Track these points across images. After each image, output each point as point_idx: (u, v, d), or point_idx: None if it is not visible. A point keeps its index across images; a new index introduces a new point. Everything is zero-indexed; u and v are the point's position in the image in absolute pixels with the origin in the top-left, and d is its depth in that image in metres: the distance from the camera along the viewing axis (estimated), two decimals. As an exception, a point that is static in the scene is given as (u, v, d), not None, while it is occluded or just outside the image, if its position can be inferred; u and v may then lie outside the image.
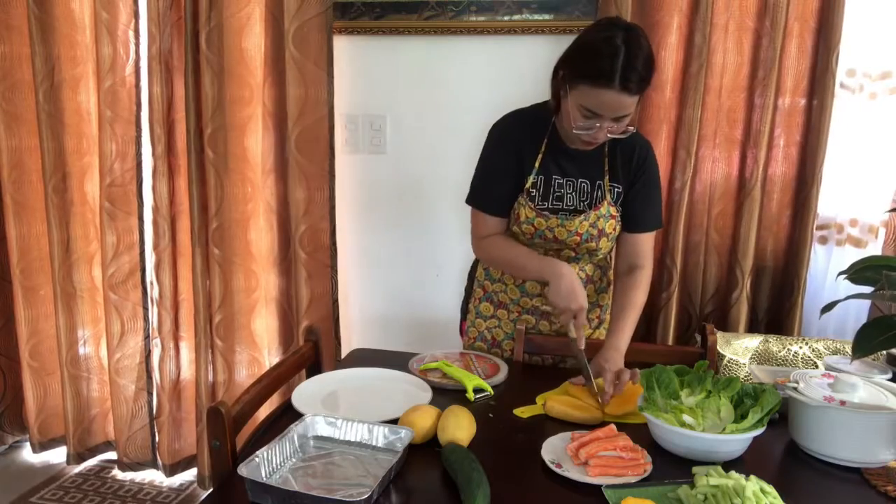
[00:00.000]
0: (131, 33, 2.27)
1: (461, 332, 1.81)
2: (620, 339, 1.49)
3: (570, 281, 1.45)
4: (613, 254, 1.70)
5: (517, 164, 1.54)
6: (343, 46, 2.19)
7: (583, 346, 1.45)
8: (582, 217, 1.52)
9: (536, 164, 1.54)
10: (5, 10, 2.35)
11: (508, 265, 1.61)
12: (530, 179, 1.54)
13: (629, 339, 1.51)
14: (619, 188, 1.55)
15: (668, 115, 1.98)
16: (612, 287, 1.72)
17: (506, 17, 2.06)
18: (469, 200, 1.62)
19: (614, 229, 1.57)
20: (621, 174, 1.54)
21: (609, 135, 1.41)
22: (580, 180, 1.54)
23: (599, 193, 1.54)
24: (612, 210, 1.55)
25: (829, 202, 1.99)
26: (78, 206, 2.44)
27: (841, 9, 1.81)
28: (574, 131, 1.42)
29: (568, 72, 1.40)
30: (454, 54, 2.14)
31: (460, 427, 1.18)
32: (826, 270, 2.03)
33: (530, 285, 1.64)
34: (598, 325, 1.72)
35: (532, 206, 1.53)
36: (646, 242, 1.60)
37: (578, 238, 1.54)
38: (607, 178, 1.54)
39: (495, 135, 1.59)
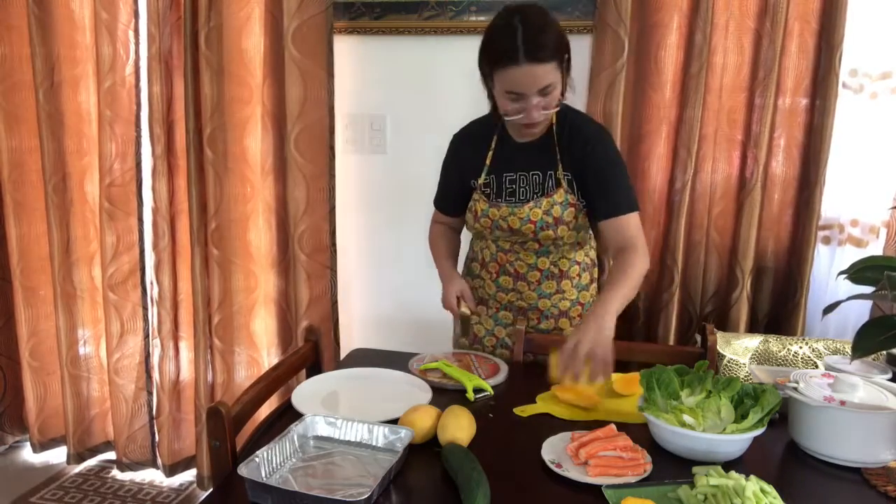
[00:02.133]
0: (131, 33, 2.27)
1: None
2: (602, 305, 1.35)
3: (454, 287, 1.69)
4: (601, 251, 1.74)
5: (465, 170, 1.66)
6: (343, 46, 2.19)
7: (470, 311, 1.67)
8: (532, 203, 1.56)
9: (487, 163, 1.62)
10: (5, 10, 2.35)
11: (433, 254, 1.81)
12: (482, 177, 1.62)
13: (613, 311, 1.35)
14: (568, 175, 1.56)
15: (668, 115, 1.98)
16: (594, 285, 1.75)
17: (506, 17, 2.06)
18: (434, 201, 1.81)
19: (575, 217, 1.57)
20: (569, 161, 1.55)
21: (543, 111, 1.45)
22: (532, 172, 1.58)
23: (552, 182, 1.56)
24: (571, 198, 1.56)
25: (831, 202, 1.98)
26: (78, 206, 2.44)
27: (843, 8, 1.81)
28: (507, 118, 1.49)
29: (484, 65, 1.47)
30: (454, 54, 2.14)
31: (460, 427, 1.18)
32: (828, 270, 2.03)
33: (504, 280, 1.69)
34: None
35: (486, 200, 1.62)
36: (625, 227, 1.52)
37: (533, 226, 1.56)
38: (560, 167, 1.56)
39: (450, 144, 1.73)
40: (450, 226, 1.81)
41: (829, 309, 1.20)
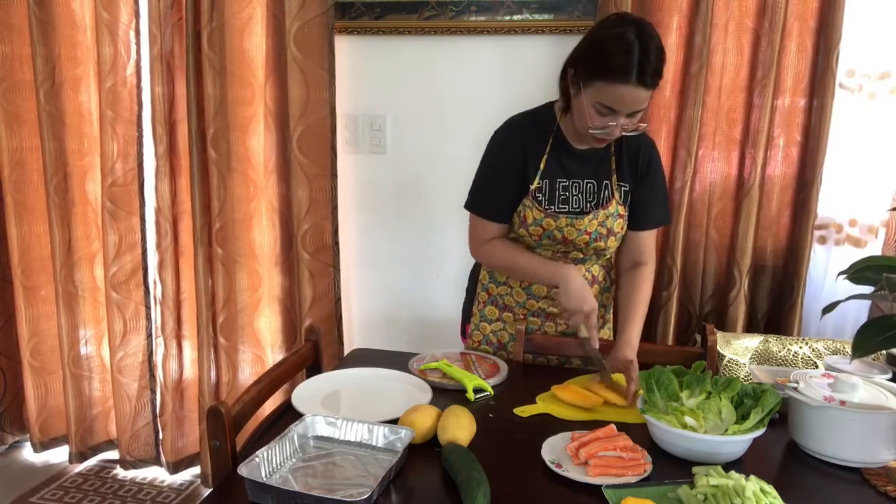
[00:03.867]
0: (132, 33, 2.27)
1: (463, 334, 1.81)
2: (632, 334, 1.51)
3: (579, 283, 1.46)
4: (615, 252, 1.70)
5: (521, 168, 1.52)
6: (344, 46, 2.19)
7: (597, 346, 1.47)
8: (591, 216, 1.52)
9: (541, 166, 1.52)
10: (6, 10, 2.36)
11: (513, 270, 1.60)
12: (535, 182, 1.52)
13: (640, 334, 1.53)
14: (626, 187, 1.55)
15: (668, 115, 1.98)
16: (615, 286, 1.73)
17: (506, 17, 2.06)
18: (469, 206, 1.60)
19: (622, 228, 1.57)
20: (628, 173, 1.54)
21: (623, 132, 1.41)
22: (586, 181, 1.54)
23: (607, 193, 1.54)
24: (621, 209, 1.55)
25: (829, 202, 1.99)
26: (79, 206, 2.44)
27: (841, 8, 1.81)
28: (590, 130, 1.41)
29: (581, 70, 1.39)
30: (454, 54, 2.14)
31: (460, 427, 1.18)
32: (826, 270, 2.03)
33: (536, 288, 1.64)
34: (604, 324, 1.73)
35: (540, 208, 1.51)
36: (650, 239, 1.62)
37: (587, 237, 1.53)
38: (615, 177, 1.54)
39: (499, 139, 1.57)
40: (503, 238, 1.60)
41: (828, 309, 1.21)
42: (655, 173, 1.57)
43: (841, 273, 1.21)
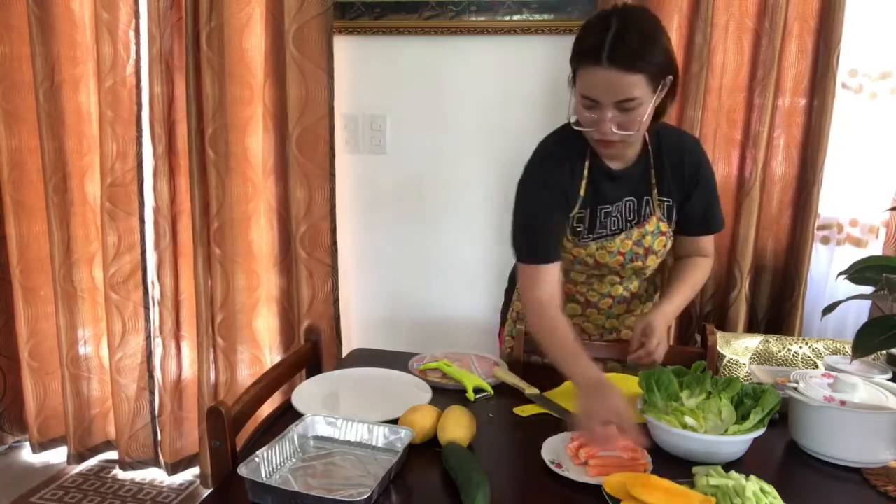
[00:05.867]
0: (132, 33, 2.26)
1: (500, 338, 1.78)
2: (670, 306, 1.41)
3: (605, 396, 1.14)
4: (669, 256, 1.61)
5: (564, 200, 1.37)
6: (343, 46, 2.19)
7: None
8: (623, 235, 1.40)
9: (581, 193, 1.38)
10: (5, 10, 2.35)
11: (549, 353, 1.35)
12: (576, 211, 1.39)
13: (678, 310, 1.45)
14: (669, 202, 1.42)
15: (668, 115, 1.97)
16: (658, 293, 1.67)
17: (506, 17, 2.06)
18: (524, 258, 1.39)
19: (664, 246, 1.45)
20: (672, 186, 1.41)
21: (618, 129, 1.25)
22: (626, 199, 1.41)
23: (647, 210, 1.41)
24: (663, 226, 1.43)
25: (830, 202, 1.98)
26: (78, 206, 2.44)
27: (841, 8, 1.81)
28: (582, 129, 1.30)
29: (572, 62, 1.29)
30: (454, 54, 2.14)
31: (460, 426, 1.18)
32: (826, 271, 2.03)
33: (571, 308, 1.57)
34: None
35: (573, 237, 1.40)
36: (710, 241, 1.53)
37: (622, 258, 1.42)
38: (655, 192, 1.41)
39: (535, 167, 1.40)
40: (559, 310, 1.37)
41: (828, 309, 1.21)
42: (707, 178, 1.43)
43: (841, 273, 1.21)
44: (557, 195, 1.37)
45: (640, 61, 1.20)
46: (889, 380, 1.28)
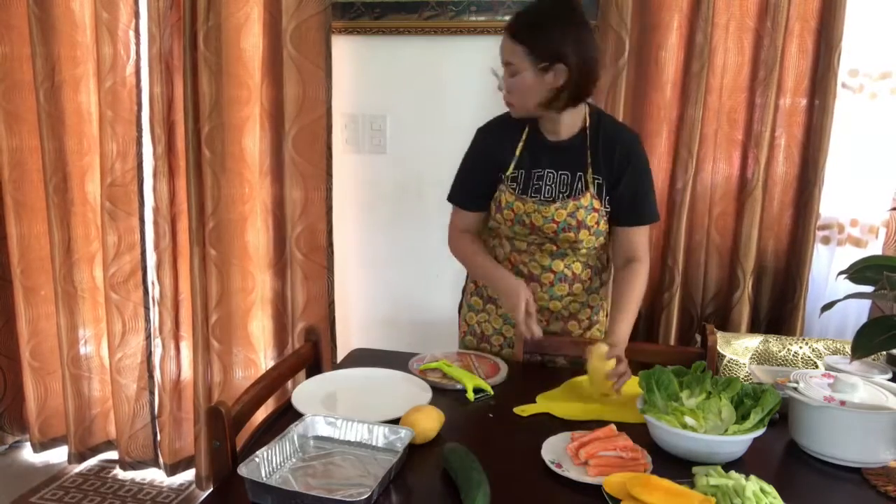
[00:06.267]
0: (132, 33, 2.27)
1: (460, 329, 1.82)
2: (618, 332, 1.49)
3: (510, 282, 1.53)
4: (610, 254, 1.69)
5: (492, 160, 1.60)
6: (343, 46, 2.19)
7: (533, 334, 1.48)
8: (558, 204, 1.53)
9: (517, 154, 1.58)
10: (5, 10, 2.35)
11: (472, 268, 1.71)
12: (511, 168, 1.58)
13: (629, 332, 1.51)
14: (600, 180, 1.54)
15: (668, 115, 1.98)
16: (604, 288, 1.73)
17: (506, 17, 2.05)
18: (449, 197, 1.70)
19: (597, 223, 1.56)
20: (604, 167, 1.54)
21: (506, 92, 1.51)
22: (560, 172, 1.56)
23: (581, 185, 1.54)
24: (596, 203, 1.54)
25: (830, 202, 1.98)
26: (79, 205, 2.44)
27: (842, 8, 1.81)
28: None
29: None
30: (454, 54, 2.14)
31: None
32: (827, 270, 2.03)
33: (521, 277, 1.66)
34: (590, 326, 1.72)
35: (512, 192, 1.57)
36: (640, 236, 1.60)
37: (555, 226, 1.54)
38: (590, 170, 1.54)
39: (476, 134, 1.67)
40: (474, 230, 1.70)
41: (826, 307, 1.21)
42: (637, 168, 1.55)
43: (841, 273, 1.21)
44: (488, 155, 1.61)
45: (522, 34, 1.44)
46: (889, 380, 1.28)
